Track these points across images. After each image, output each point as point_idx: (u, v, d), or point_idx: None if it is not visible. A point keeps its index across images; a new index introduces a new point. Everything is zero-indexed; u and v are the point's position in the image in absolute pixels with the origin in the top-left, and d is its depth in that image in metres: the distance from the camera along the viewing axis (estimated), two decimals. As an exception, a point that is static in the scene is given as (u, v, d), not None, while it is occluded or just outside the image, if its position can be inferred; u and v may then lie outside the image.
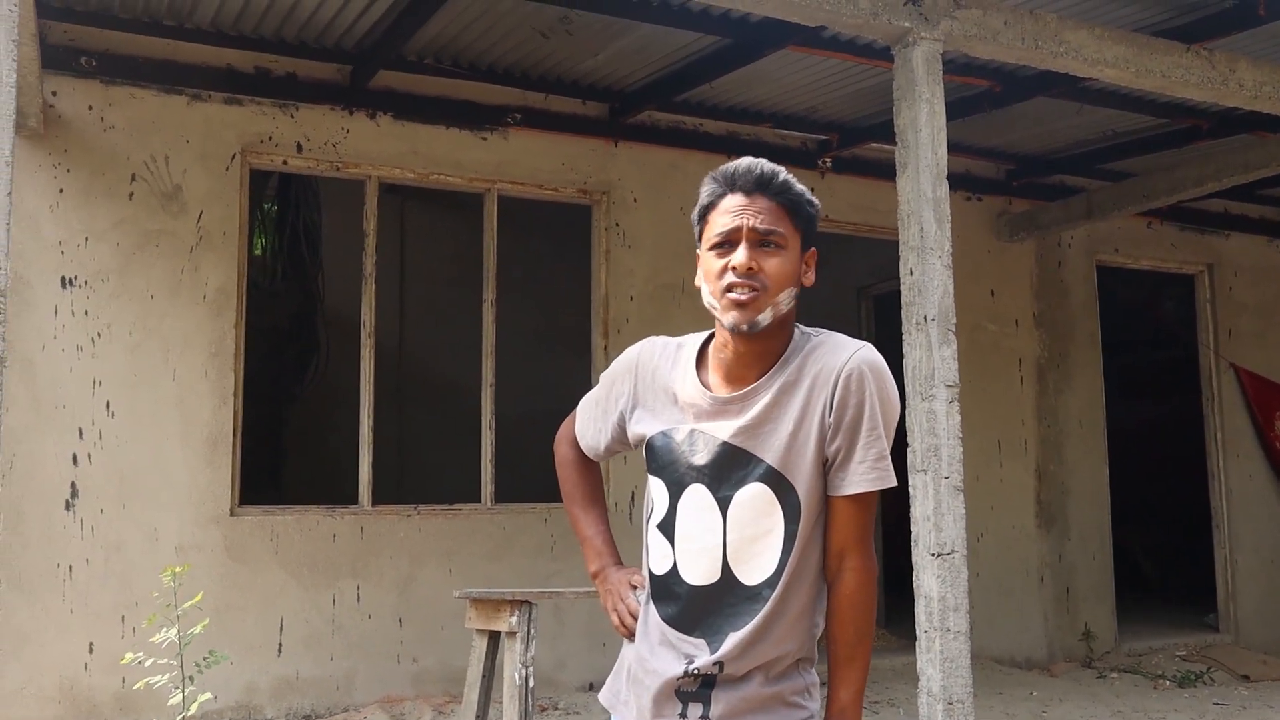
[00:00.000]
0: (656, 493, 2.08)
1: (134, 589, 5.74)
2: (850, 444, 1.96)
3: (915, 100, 4.80)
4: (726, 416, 2.01)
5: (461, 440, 7.41)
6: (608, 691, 2.16)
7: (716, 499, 1.99)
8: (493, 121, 6.80)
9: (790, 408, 1.98)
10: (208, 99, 6.16)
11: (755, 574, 1.98)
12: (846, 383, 1.95)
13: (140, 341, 5.91)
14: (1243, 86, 5.66)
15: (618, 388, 2.19)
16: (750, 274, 1.96)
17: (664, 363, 2.12)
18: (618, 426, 2.19)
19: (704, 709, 1.97)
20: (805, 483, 1.96)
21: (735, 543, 1.98)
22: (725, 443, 1.99)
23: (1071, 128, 7.56)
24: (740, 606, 1.98)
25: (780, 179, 2.01)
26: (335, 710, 6.08)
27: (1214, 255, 9.37)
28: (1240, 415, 9.27)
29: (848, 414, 1.95)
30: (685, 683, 1.99)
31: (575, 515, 2.32)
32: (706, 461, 2.00)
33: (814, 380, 1.97)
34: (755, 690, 1.97)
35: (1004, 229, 8.44)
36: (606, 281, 7.12)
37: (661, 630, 2.04)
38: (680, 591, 2.02)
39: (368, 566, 6.30)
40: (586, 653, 6.74)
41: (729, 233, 1.99)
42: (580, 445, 2.30)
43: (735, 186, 2.02)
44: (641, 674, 2.05)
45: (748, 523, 1.97)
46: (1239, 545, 9.09)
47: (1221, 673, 7.82)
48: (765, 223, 1.97)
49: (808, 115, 7.39)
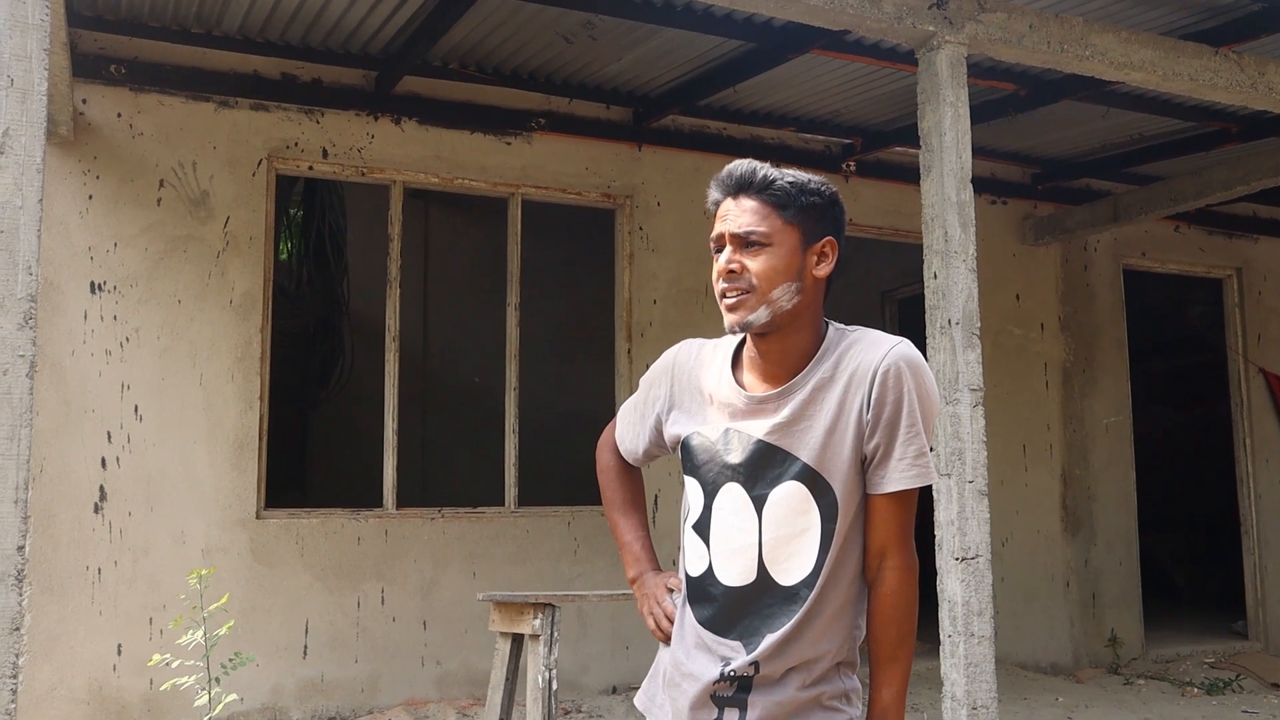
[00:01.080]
0: (692, 494, 2.07)
1: (161, 591, 5.79)
2: (889, 441, 1.94)
3: (939, 104, 4.79)
4: (762, 415, 2.00)
5: (485, 444, 7.43)
6: (643, 695, 2.15)
7: (752, 498, 1.98)
8: (517, 126, 6.83)
9: (826, 405, 1.97)
10: (235, 105, 6.22)
11: (792, 574, 1.96)
12: (884, 379, 1.94)
13: (168, 346, 5.97)
14: (1272, 89, 5.61)
15: (655, 391, 2.20)
16: (733, 276, 1.97)
17: (700, 364, 2.13)
18: (655, 430, 2.20)
19: (740, 714, 1.96)
20: (842, 481, 1.95)
21: (771, 542, 1.97)
22: (760, 440, 1.98)
23: (1098, 131, 7.52)
24: (777, 608, 1.96)
25: (760, 176, 2.00)
26: (360, 712, 6.11)
27: (1243, 259, 9.29)
28: (1269, 420, 9.19)
29: (886, 410, 1.94)
30: (721, 687, 1.97)
31: (615, 521, 2.31)
32: (741, 460, 1.99)
33: (851, 377, 1.97)
34: (792, 694, 1.95)
35: (1029, 233, 8.40)
36: (630, 285, 7.13)
37: (698, 633, 2.02)
38: (716, 593, 2.01)
39: (392, 569, 6.33)
40: (610, 656, 6.75)
41: (716, 239, 2.03)
42: (620, 451, 2.31)
43: (723, 192, 2.04)
44: (678, 678, 2.04)
45: (783, 522, 1.96)
46: (1268, 551, 9.00)
47: (1250, 680, 7.75)
48: (745, 225, 1.98)
49: (832, 119, 7.38)
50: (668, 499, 7.01)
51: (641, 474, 2.38)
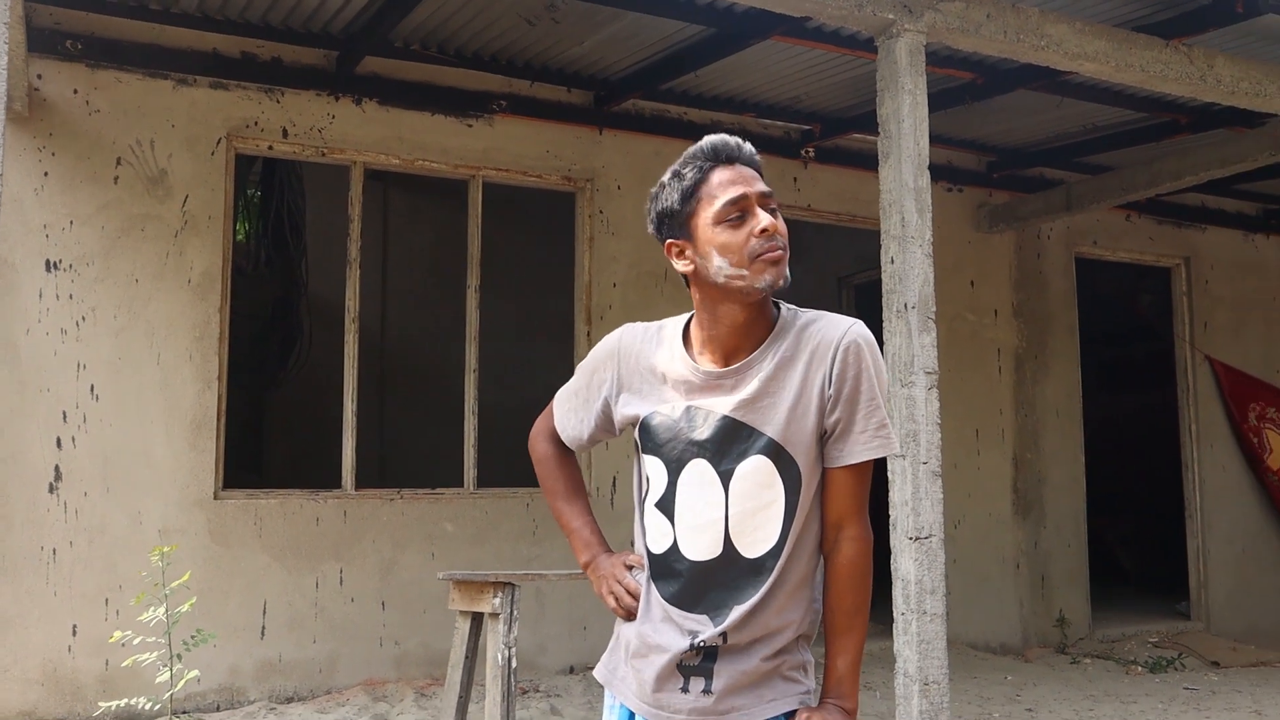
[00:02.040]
0: (653, 472, 2.09)
1: (118, 572, 5.76)
2: (850, 415, 2.00)
3: (898, 91, 4.86)
4: (722, 391, 2.04)
5: (444, 425, 7.45)
6: (603, 668, 2.18)
7: (718, 473, 2.01)
8: (478, 108, 6.83)
9: (789, 381, 2.01)
10: (193, 83, 6.17)
11: (758, 547, 2.00)
12: (845, 355, 2.00)
13: (125, 325, 5.92)
14: (1220, 82, 5.74)
15: (599, 375, 2.20)
16: (775, 235, 2.01)
17: (647, 345, 2.15)
18: (602, 414, 2.20)
19: (706, 682, 2.00)
20: (804, 455, 2.00)
21: (737, 516, 2.00)
22: (726, 417, 2.02)
23: (1052, 121, 7.64)
24: (743, 580, 2.00)
25: (749, 148, 2.07)
26: (318, 692, 6.12)
27: (1191, 248, 9.48)
28: (1215, 407, 9.40)
29: (847, 385, 1.99)
30: (688, 656, 2.01)
31: (559, 509, 2.32)
32: (708, 436, 2.02)
33: (812, 354, 2.01)
34: (756, 664, 1.99)
35: (984, 220, 8.52)
36: (590, 268, 7.16)
37: (664, 608, 2.05)
38: (681, 568, 2.03)
39: (351, 550, 6.33)
40: (567, 636, 6.80)
41: (738, 201, 2.00)
42: (560, 438, 2.31)
43: (720, 159, 2.05)
44: (645, 650, 2.06)
45: (749, 495, 2.00)
46: (1211, 535, 9.22)
47: (1192, 659, 7.95)
48: (766, 190, 2.03)
49: (791, 105, 7.44)
50: (625, 481, 7.06)
51: (578, 460, 2.39)
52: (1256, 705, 6.40)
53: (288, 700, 6.04)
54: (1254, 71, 5.85)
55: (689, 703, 2.00)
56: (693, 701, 2.00)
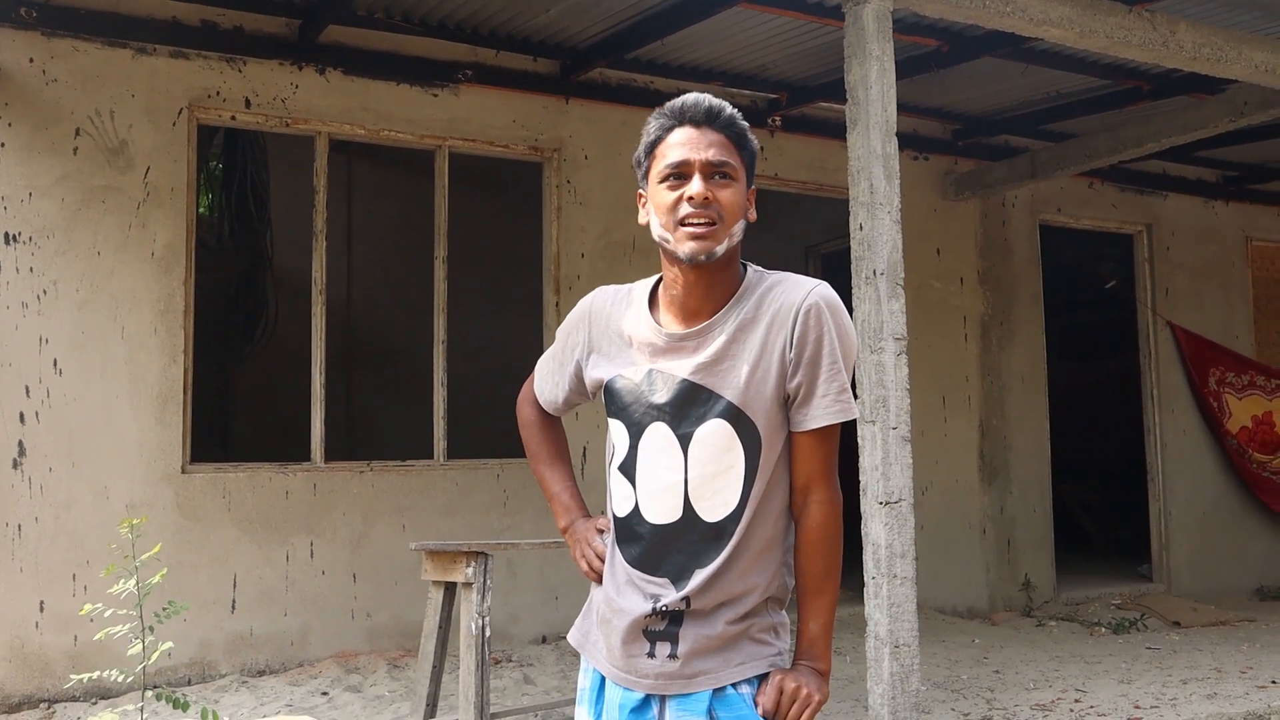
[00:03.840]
0: (617, 435, 2.09)
1: (85, 547, 5.71)
2: (812, 379, 1.98)
3: (866, 57, 4.87)
4: (683, 354, 2.03)
5: (413, 397, 7.42)
6: (576, 632, 2.19)
7: (677, 436, 2.00)
8: (444, 78, 6.77)
9: (749, 344, 1.99)
10: (153, 52, 6.08)
11: (717, 510, 1.99)
12: (805, 318, 1.97)
13: (88, 298, 5.85)
14: (1182, 48, 5.79)
15: (573, 338, 2.20)
16: (706, 204, 1.98)
17: (616, 308, 2.14)
18: (575, 376, 2.20)
19: (672, 647, 1.99)
20: (765, 418, 1.98)
21: (696, 479, 1.99)
22: (685, 380, 2.01)
23: (1017, 88, 7.68)
24: (704, 544, 1.99)
25: (727, 112, 2.04)
26: (290, 665, 6.12)
27: (1152, 215, 9.58)
28: (1176, 372, 9.53)
29: (808, 349, 1.97)
30: (653, 621, 2.00)
31: (541, 474, 2.33)
32: (667, 400, 2.01)
33: (774, 317, 1.99)
34: (722, 628, 1.98)
35: (950, 188, 8.56)
36: (558, 239, 7.14)
37: (627, 572, 2.06)
38: (643, 532, 2.03)
39: (321, 523, 6.31)
40: (540, 606, 6.82)
41: (679, 165, 2.00)
42: (540, 402, 2.32)
43: (684, 119, 2.03)
44: (610, 614, 2.07)
45: (708, 459, 1.99)
46: (1173, 498, 9.36)
47: (1154, 620, 8.09)
48: (717, 154, 2.00)
49: (758, 74, 7.43)
50: (595, 450, 7.08)
51: (563, 425, 2.39)
52: (1217, 663, 6.53)
53: (259, 673, 6.03)
54: (1215, 37, 5.89)
55: (655, 667, 2.00)
56: (659, 666, 2.00)
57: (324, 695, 5.56)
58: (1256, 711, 5.28)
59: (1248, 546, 9.68)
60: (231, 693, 5.62)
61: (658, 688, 2.00)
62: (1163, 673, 6.26)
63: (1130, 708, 5.39)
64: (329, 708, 5.35)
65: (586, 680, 2.14)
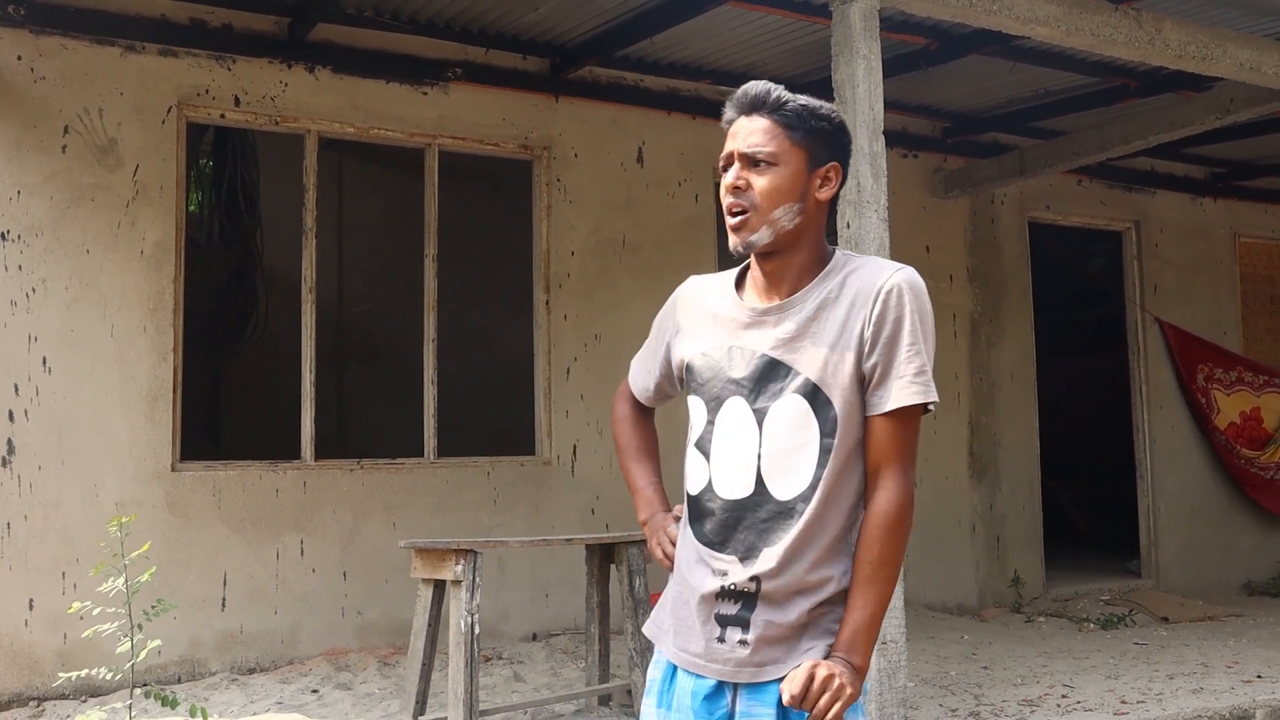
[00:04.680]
0: (695, 412, 2.10)
1: (74, 545, 5.72)
2: (888, 360, 1.97)
3: (853, 56, 4.89)
4: (764, 328, 2.05)
5: (404, 395, 7.43)
6: (652, 624, 2.18)
7: (753, 410, 2.01)
8: (433, 76, 6.78)
9: (830, 323, 2.00)
10: (142, 50, 6.08)
11: (789, 488, 1.98)
12: (886, 299, 1.97)
13: (77, 296, 5.85)
14: (1168, 46, 5.81)
15: (664, 324, 2.25)
16: (738, 192, 2.02)
17: (703, 290, 2.19)
18: (665, 360, 2.23)
19: (742, 633, 1.98)
20: (842, 398, 1.97)
21: (770, 455, 1.99)
22: (764, 354, 2.02)
23: (1005, 86, 7.70)
24: (773, 522, 1.98)
25: (774, 97, 2.05)
26: (280, 663, 6.13)
27: (1141, 212, 9.61)
28: (1164, 369, 9.57)
29: (886, 329, 1.97)
30: (724, 604, 1.99)
31: (628, 468, 2.33)
32: (745, 374, 2.03)
33: (855, 297, 2.00)
34: (795, 618, 1.96)
35: (939, 186, 8.59)
36: (548, 237, 7.15)
37: (697, 549, 2.05)
38: (713, 507, 2.03)
39: (311, 521, 6.32)
40: (529, 604, 6.84)
41: (725, 157, 2.07)
42: (634, 394, 2.35)
43: (737, 111, 2.09)
44: (682, 595, 2.07)
45: (783, 435, 1.99)
46: (1161, 494, 9.40)
47: (1142, 615, 8.13)
48: (753, 144, 2.03)
49: (747, 71, 7.43)
50: (586, 449, 7.10)
51: (654, 424, 2.39)
52: (1203, 658, 6.57)
53: (249, 671, 6.04)
54: (1201, 35, 5.92)
55: (725, 652, 1.99)
56: (729, 651, 1.99)
57: (314, 693, 5.57)
58: (1241, 706, 5.31)
59: (1236, 542, 9.73)
60: (221, 690, 5.63)
61: (728, 674, 1.99)
62: (1150, 668, 6.30)
63: (1117, 702, 5.42)
64: (319, 705, 5.36)
65: (657, 671, 2.14)
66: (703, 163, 7.55)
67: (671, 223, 7.50)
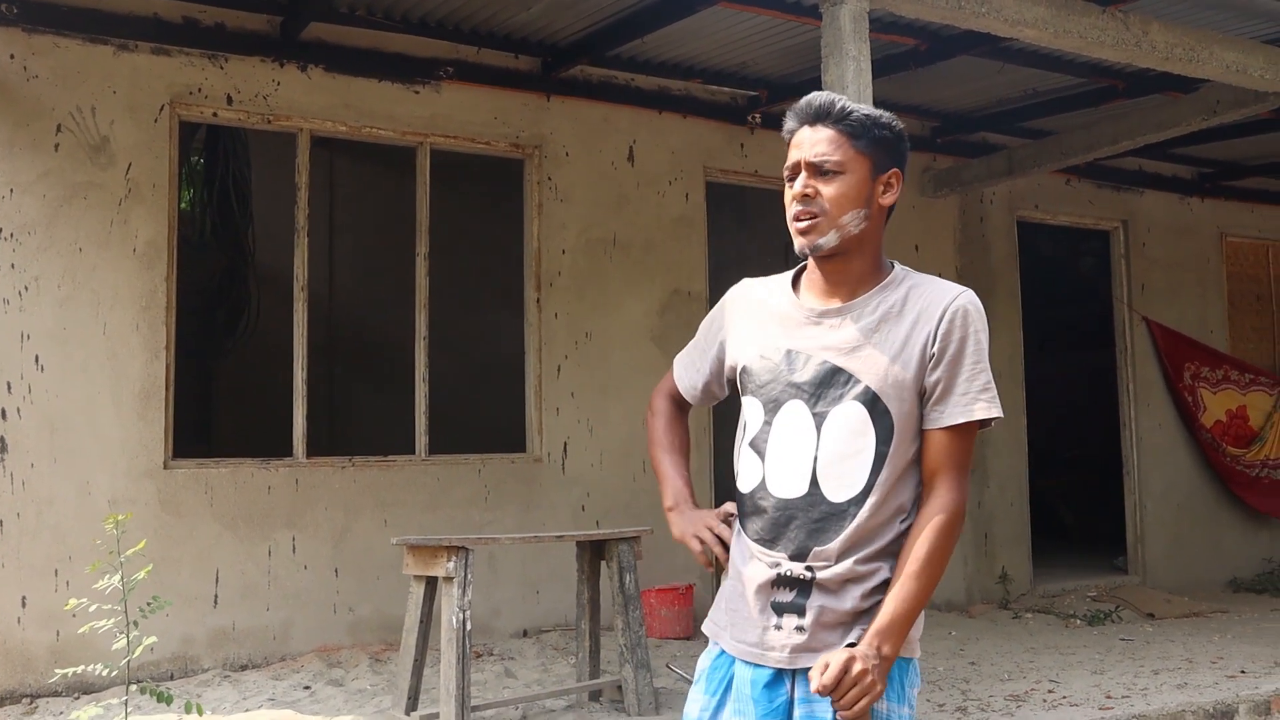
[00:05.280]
0: (751, 413, 2.15)
1: (67, 543, 5.74)
2: (951, 377, 2.05)
3: (842, 57, 4.93)
4: (822, 330, 2.11)
5: (395, 393, 7.46)
6: (709, 623, 2.23)
7: (813, 415, 2.07)
8: (425, 75, 6.80)
9: (894, 335, 2.07)
10: (135, 49, 6.09)
11: (842, 491, 2.04)
12: (953, 317, 2.06)
13: (69, 294, 5.87)
14: (1155, 48, 5.86)
15: (715, 325, 2.30)
16: (807, 200, 2.09)
17: (755, 294, 2.25)
18: (716, 360, 2.28)
19: (799, 619, 2.04)
20: (899, 408, 2.04)
21: (826, 459, 2.05)
22: (826, 361, 2.09)
23: (994, 86, 7.75)
24: (825, 523, 2.04)
25: (838, 107, 2.12)
26: (272, 660, 6.15)
27: (1128, 212, 9.67)
28: (1151, 367, 9.63)
29: (951, 347, 2.05)
30: (780, 592, 2.06)
31: (657, 458, 2.36)
32: (807, 379, 2.09)
33: (920, 313, 2.07)
34: (851, 604, 2.02)
35: (928, 185, 8.64)
36: (539, 235, 7.18)
37: (749, 547, 2.12)
38: (766, 505, 2.09)
39: (303, 518, 6.35)
40: (521, 600, 6.88)
41: (791, 167, 2.14)
42: (676, 396, 2.39)
43: (801, 121, 2.15)
44: (739, 588, 2.12)
45: (841, 440, 2.05)
46: (1148, 491, 9.47)
47: (1129, 611, 8.19)
48: (820, 153, 2.10)
49: (738, 71, 7.48)
50: (576, 447, 7.13)
51: (688, 425, 2.42)
52: (1189, 654, 6.63)
53: (242, 668, 6.06)
54: (1187, 38, 5.97)
55: (782, 639, 2.05)
56: (786, 638, 2.05)
57: (306, 689, 5.60)
58: (1225, 701, 5.37)
59: (1221, 539, 9.80)
60: (214, 687, 5.66)
61: (785, 661, 2.05)
62: (1135, 663, 6.36)
63: (1102, 697, 5.48)
64: (311, 701, 5.39)
65: (706, 661, 2.19)
66: (693, 162, 7.59)
67: (662, 221, 7.54)
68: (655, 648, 6.50)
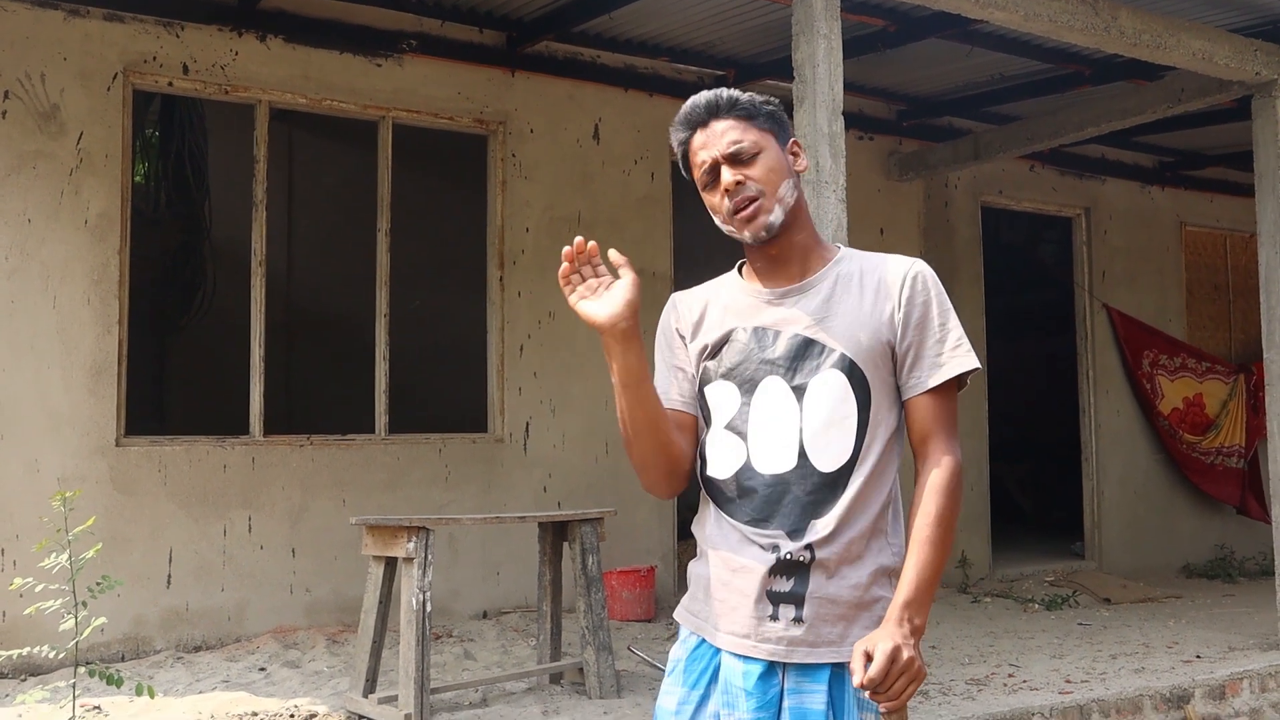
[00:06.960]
0: (723, 397, 2.10)
1: (15, 522, 5.60)
2: (922, 340, 2.06)
3: (814, 36, 4.87)
4: (787, 308, 2.10)
5: (354, 371, 7.34)
6: (684, 610, 2.16)
7: (792, 388, 2.05)
8: (388, 47, 6.68)
9: (859, 305, 2.07)
10: (86, 14, 5.92)
11: (831, 459, 2.02)
12: (913, 283, 2.07)
13: (18, 267, 5.71)
14: (1123, 34, 5.86)
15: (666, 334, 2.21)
16: (741, 187, 2.06)
17: (695, 295, 2.22)
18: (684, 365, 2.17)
19: (796, 610, 1.99)
20: (875, 374, 2.05)
21: (812, 429, 2.03)
22: (797, 334, 2.07)
23: (962, 70, 7.74)
24: (819, 494, 2.01)
25: (726, 97, 2.11)
26: (226, 641, 6.05)
27: (1091, 199, 9.72)
28: (1111, 354, 9.70)
29: (915, 311, 2.06)
30: (776, 580, 2.00)
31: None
32: (780, 354, 2.07)
33: (879, 283, 2.08)
34: (849, 594, 2.00)
35: (894, 168, 8.62)
36: (502, 212, 7.09)
37: (739, 531, 2.05)
38: (754, 484, 2.05)
39: (259, 497, 6.24)
40: (481, 582, 6.81)
41: (708, 169, 2.11)
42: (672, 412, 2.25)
43: (694, 125, 2.13)
44: (729, 575, 2.05)
45: (824, 409, 2.03)
46: (1105, 477, 9.55)
47: (1086, 596, 8.25)
48: (732, 141, 2.08)
49: (705, 50, 7.41)
50: (539, 426, 7.06)
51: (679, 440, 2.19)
52: (1144, 638, 6.69)
53: (195, 649, 5.95)
54: (1155, 24, 5.98)
55: (779, 630, 2.00)
56: (783, 629, 1.99)
57: (261, 671, 5.51)
58: (1181, 685, 5.41)
59: (1176, 525, 9.91)
60: (166, 669, 5.55)
61: (780, 654, 1.99)
62: (1093, 648, 6.40)
63: (1061, 681, 5.50)
64: (266, 683, 5.30)
65: (682, 651, 2.12)
66: (659, 141, 7.51)
67: (627, 200, 7.47)
68: (617, 630, 6.46)
